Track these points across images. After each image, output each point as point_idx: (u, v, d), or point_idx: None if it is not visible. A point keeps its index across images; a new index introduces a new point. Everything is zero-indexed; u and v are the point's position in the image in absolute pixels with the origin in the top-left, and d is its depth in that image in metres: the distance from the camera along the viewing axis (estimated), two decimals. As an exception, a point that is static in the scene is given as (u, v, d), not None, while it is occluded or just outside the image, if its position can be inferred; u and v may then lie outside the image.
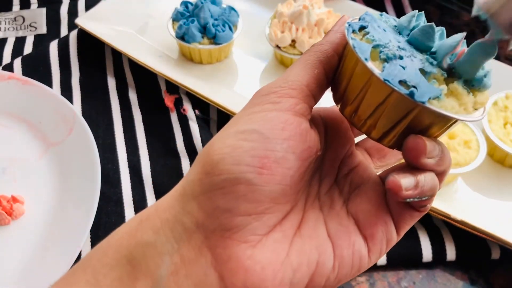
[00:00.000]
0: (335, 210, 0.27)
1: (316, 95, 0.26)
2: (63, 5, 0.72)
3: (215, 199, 0.23)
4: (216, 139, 0.24)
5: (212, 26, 0.58)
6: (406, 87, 0.23)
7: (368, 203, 0.26)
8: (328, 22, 0.58)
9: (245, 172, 0.22)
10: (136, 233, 0.24)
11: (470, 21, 0.70)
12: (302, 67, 0.26)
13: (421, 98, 0.23)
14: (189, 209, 0.23)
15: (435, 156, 0.25)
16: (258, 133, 0.23)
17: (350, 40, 0.25)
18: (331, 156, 0.29)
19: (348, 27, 0.26)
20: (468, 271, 0.48)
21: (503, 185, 0.51)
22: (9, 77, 0.58)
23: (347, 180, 0.28)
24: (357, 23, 0.27)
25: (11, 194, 0.49)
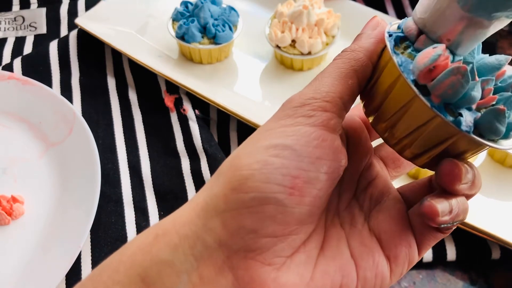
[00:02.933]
0: (357, 228, 0.26)
1: (348, 107, 0.25)
2: (63, 5, 0.72)
3: (241, 218, 0.21)
4: (244, 153, 0.22)
5: (212, 26, 0.58)
6: (451, 114, 0.22)
7: (391, 222, 0.25)
8: (328, 22, 0.58)
9: (276, 192, 0.21)
10: (151, 249, 0.22)
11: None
12: (336, 76, 0.25)
13: (467, 128, 0.22)
14: (211, 225, 0.22)
15: (469, 181, 0.24)
16: (291, 149, 0.22)
17: (393, 56, 0.23)
18: (351, 169, 0.27)
19: (389, 39, 0.24)
20: (468, 271, 0.48)
21: (503, 185, 0.51)
22: (9, 77, 0.58)
23: (367, 195, 0.27)
24: (397, 33, 0.25)
25: (11, 194, 0.49)
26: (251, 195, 0.21)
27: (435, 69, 0.22)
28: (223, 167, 0.23)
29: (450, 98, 0.22)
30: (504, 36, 0.68)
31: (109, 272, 0.23)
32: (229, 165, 0.23)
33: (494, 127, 0.22)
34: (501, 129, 0.22)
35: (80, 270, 0.46)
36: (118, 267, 0.23)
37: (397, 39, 0.24)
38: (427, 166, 0.26)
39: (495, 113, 0.22)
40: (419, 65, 0.22)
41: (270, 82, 0.61)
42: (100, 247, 0.47)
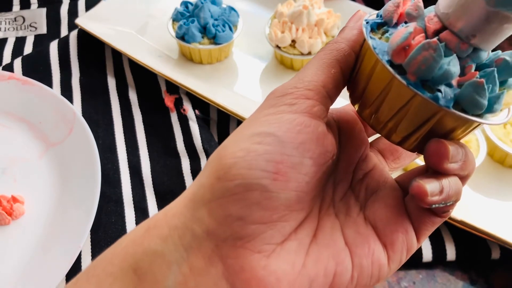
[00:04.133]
0: (352, 217, 0.26)
1: (332, 96, 0.25)
2: (63, 5, 0.72)
3: (227, 206, 0.21)
4: (229, 142, 0.23)
5: (212, 26, 0.59)
6: (430, 90, 0.22)
7: (387, 210, 0.25)
8: (328, 22, 0.58)
9: (260, 177, 0.21)
10: (142, 241, 0.23)
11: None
12: (318, 66, 0.25)
13: (446, 103, 0.22)
14: (199, 215, 0.22)
15: (459, 160, 0.24)
16: (273, 136, 0.22)
17: (369, 40, 0.24)
18: (346, 160, 0.27)
19: (366, 25, 0.25)
20: (468, 271, 0.48)
21: (503, 185, 0.51)
22: (9, 77, 0.58)
23: (363, 185, 0.27)
24: (375, 20, 0.25)
25: (11, 194, 0.49)
26: (236, 183, 0.21)
27: (409, 48, 0.22)
28: (210, 158, 0.23)
29: (425, 74, 0.22)
30: (504, 36, 0.68)
31: (104, 264, 0.23)
32: (215, 155, 0.23)
33: (475, 100, 0.22)
34: (482, 102, 0.22)
35: (80, 270, 0.46)
36: (112, 260, 0.23)
37: (373, 25, 0.25)
38: (416, 149, 0.25)
39: (473, 86, 0.22)
40: (392, 44, 0.23)
41: (270, 82, 0.61)
42: (100, 247, 0.47)
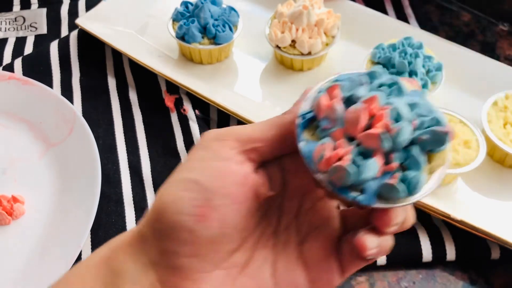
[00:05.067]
0: (287, 251, 0.29)
1: (263, 154, 0.28)
2: (64, 5, 0.72)
3: (163, 242, 0.26)
4: (165, 186, 0.27)
5: (212, 26, 0.59)
6: (355, 190, 0.24)
7: (320, 250, 0.28)
8: (328, 22, 0.58)
9: (186, 221, 0.25)
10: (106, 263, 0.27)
11: (471, 21, 0.70)
12: (260, 125, 0.28)
13: (367, 201, 0.24)
14: (146, 248, 0.26)
15: (399, 223, 0.26)
16: (198, 183, 0.26)
17: (299, 144, 0.26)
18: (293, 191, 0.30)
19: (300, 123, 0.26)
20: (468, 271, 0.48)
21: (503, 185, 0.51)
22: (10, 77, 0.58)
23: (307, 218, 0.30)
24: (307, 116, 0.26)
25: (11, 194, 0.49)
26: (168, 225, 0.25)
27: (329, 160, 0.25)
28: (154, 199, 0.27)
29: (344, 184, 0.25)
30: (503, 36, 0.68)
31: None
32: (156, 198, 0.27)
33: (391, 196, 0.24)
34: (398, 196, 0.24)
35: (80, 270, 0.46)
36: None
37: (306, 123, 0.26)
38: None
39: (387, 187, 0.24)
40: (315, 159, 0.25)
41: (270, 82, 0.61)
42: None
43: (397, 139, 0.24)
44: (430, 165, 0.25)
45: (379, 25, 0.63)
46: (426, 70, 0.54)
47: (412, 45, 0.55)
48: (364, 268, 0.48)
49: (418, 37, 0.57)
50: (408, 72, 0.53)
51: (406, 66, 0.53)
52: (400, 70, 0.53)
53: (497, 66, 0.59)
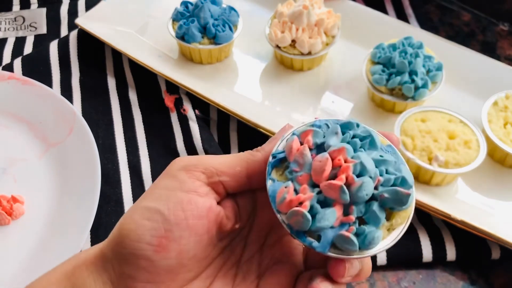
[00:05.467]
0: (246, 283, 0.29)
1: (228, 187, 0.29)
2: (63, 5, 0.72)
3: (122, 266, 0.26)
4: (129, 211, 0.28)
5: (212, 26, 0.58)
6: (312, 235, 0.26)
7: (278, 285, 0.29)
8: (328, 22, 0.58)
9: (145, 249, 0.26)
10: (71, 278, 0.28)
11: (471, 21, 0.70)
12: (228, 158, 0.29)
13: (321, 249, 0.25)
14: (107, 268, 0.27)
15: (353, 274, 0.27)
16: (160, 213, 0.26)
17: (267, 184, 0.27)
18: (260, 224, 0.31)
19: (271, 162, 0.27)
20: (468, 271, 0.48)
21: (503, 185, 0.51)
22: (9, 77, 0.58)
23: (270, 252, 0.31)
24: (279, 156, 0.27)
25: (11, 194, 0.49)
26: (127, 251, 0.26)
27: (290, 203, 0.26)
28: (119, 220, 0.28)
29: (301, 229, 0.26)
30: (504, 36, 0.68)
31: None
32: (121, 220, 0.28)
33: (345, 247, 0.25)
34: (352, 248, 0.25)
35: (80, 270, 0.46)
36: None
37: (276, 163, 0.28)
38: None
39: (342, 238, 0.25)
40: (277, 200, 0.26)
41: (270, 82, 0.61)
42: (100, 247, 0.47)
43: (357, 193, 0.25)
44: (390, 223, 0.26)
45: (379, 25, 0.63)
46: (426, 70, 0.54)
47: (412, 44, 0.55)
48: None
49: (418, 37, 0.57)
50: (408, 71, 0.53)
51: (406, 66, 0.53)
52: (400, 70, 0.53)
53: (498, 66, 0.59)
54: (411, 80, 0.53)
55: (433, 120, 0.51)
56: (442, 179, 0.49)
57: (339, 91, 0.59)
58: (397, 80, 0.53)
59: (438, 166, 0.48)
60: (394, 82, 0.53)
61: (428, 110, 0.52)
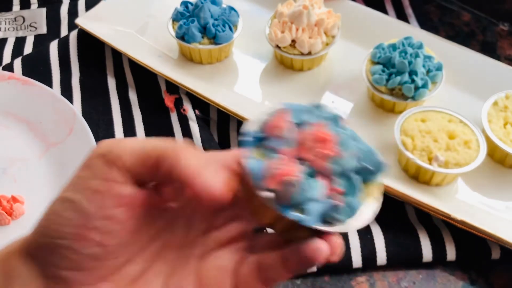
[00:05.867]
0: (186, 267, 0.29)
1: (143, 175, 0.27)
2: (63, 5, 0.72)
3: (44, 255, 0.26)
4: (52, 202, 0.27)
5: (212, 26, 0.58)
6: (297, 209, 0.25)
7: (220, 269, 0.29)
8: (328, 22, 0.58)
9: (64, 239, 0.26)
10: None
11: (471, 21, 0.70)
12: (143, 142, 0.28)
13: (308, 222, 0.25)
14: (34, 255, 0.27)
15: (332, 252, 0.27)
16: (77, 203, 0.26)
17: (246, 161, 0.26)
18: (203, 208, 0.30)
19: (248, 141, 0.27)
20: (468, 271, 0.48)
21: (503, 185, 0.51)
22: (9, 77, 0.58)
23: (216, 234, 0.30)
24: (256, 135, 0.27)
25: (11, 194, 0.49)
26: (47, 240, 0.26)
27: (276, 177, 0.25)
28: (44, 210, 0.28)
29: (289, 202, 0.25)
30: (504, 36, 0.68)
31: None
32: (45, 211, 0.27)
33: (335, 217, 0.25)
34: (341, 217, 0.25)
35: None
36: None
37: (254, 142, 0.27)
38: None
39: (333, 208, 0.25)
40: (263, 175, 0.25)
41: (270, 82, 0.61)
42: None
43: (345, 164, 0.26)
44: (367, 194, 0.27)
45: (379, 25, 0.63)
46: (426, 70, 0.54)
47: (412, 44, 0.55)
48: (364, 268, 0.48)
49: (418, 37, 0.57)
50: (408, 71, 0.53)
51: (406, 66, 0.53)
52: (400, 70, 0.53)
53: (498, 66, 0.59)
54: (411, 80, 0.53)
55: (433, 120, 0.51)
56: (442, 179, 0.49)
57: (339, 91, 0.59)
58: (397, 80, 0.53)
59: (438, 166, 0.48)
60: (394, 82, 0.53)
61: (428, 110, 0.52)
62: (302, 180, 0.25)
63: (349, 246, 0.47)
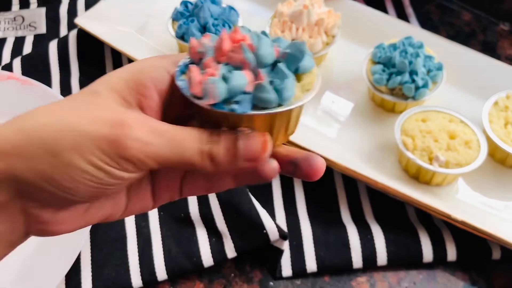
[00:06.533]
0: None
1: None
2: (63, 4, 0.72)
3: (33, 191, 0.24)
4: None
5: (212, 26, 0.58)
6: (228, 103, 0.26)
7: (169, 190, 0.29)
8: (328, 22, 0.58)
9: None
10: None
11: (471, 21, 0.70)
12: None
13: (243, 110, 0.25)
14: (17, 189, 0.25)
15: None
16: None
17: (177, 83, 0.27)
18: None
19: (178, 69, 0.28)
20: (468, 271, 0.48)
21: (504, 185, 0.51)
22: (9, 77, 0.57)
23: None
24: (185, 62, 0.28)
25: (10, 194, 0.49)
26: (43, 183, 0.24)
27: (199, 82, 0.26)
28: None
29: (218, 98, 0.25)
30: (504, 36, 0.68)
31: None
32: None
33: (265, 98, 0.26)
34: (272, 98, 0.26)
35: (80, 270, 0.46)
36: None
37: (184, 68, 0.28)
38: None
39: (257, 88, 0.26)
40: (189, 84, 0.26)
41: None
42: (100, 247, 0.47)
43: (259, 52, 0.27)
44: (301, 83, 0.27)
45: (379, 25, 0.63)
46: (427, 70, 0.54)
47: (412, 44, 0.55)
48: (365, 269, 0.48)
49: (419, 37, 0.57)
50: (409, 71, 0.53)
51: (407, 66, 0.52)
52: (401, 69, 0.53)
53: (498, 65, 0.59)
54: (412, 80, 0.53)
55: (433, 120, 0.51)
56: (443, 179, 0.49)
57: (339, 91, 0.59)
58: (397, 80, 0.53)
59: (439, 166, 0.48)
60: (395, 82, 0.53)
61: (428, 110, 0.52)
62: (221, 76, 0.26)
63: (349, 246, 0.47)
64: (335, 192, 0.52)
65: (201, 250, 0.47)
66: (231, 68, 0.26)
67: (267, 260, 0.48)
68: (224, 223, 0.48)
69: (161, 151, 0.24)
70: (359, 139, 0.54)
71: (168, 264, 0.46)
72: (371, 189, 0.51)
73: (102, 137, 0.23)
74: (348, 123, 0.56)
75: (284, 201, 0.51)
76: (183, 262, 0.46)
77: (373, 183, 0.48)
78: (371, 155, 0.53)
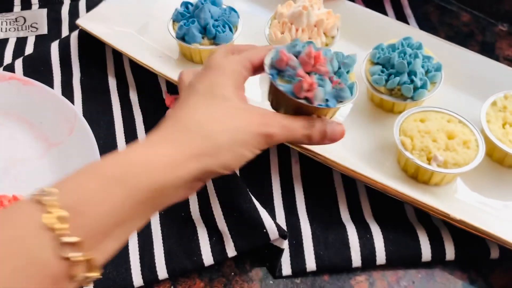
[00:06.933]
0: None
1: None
2: (64, 5, 0.72)
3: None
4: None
5: (212, 27, 0.59)
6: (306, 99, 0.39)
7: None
8: (328, 23, 0.59)
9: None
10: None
11: (470, 21, 0.70)
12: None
13: (333, 105, 0.40)
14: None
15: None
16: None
17: (280, 88, 0.39)
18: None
19: (273, 75, 0.40)
20: (467, 271, 0.48)
21: (502, 185, 0.51)
22: (10, 78, 0.58)
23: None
24: (275, 70, 0.40)
25: (12, 194, 0.49)
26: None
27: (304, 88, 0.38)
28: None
29: (318, 99, 0.39)
30: (503, 37, 0.68)
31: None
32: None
33: (345, 96, 0.40)
34: (349, 95, 0.40)
35: (81, 269, 0.46)
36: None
37: (275, 76, 0.40)
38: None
39: (340, 90, 0.40)
40: (297, 91, 0.38)
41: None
42: (101, 247, 0.47)
43: (334, 64, 0.41)
44: (350, 79, 0.42)
45: (378, 26, 0.64)
46: (426, 71, 0.54)
47: (411, 45, 0.55)
48: (364, 268, 0.48)
49: (418, 38, 0.57)
50: (408, 72, 0.53)
51: (406, 67, 0.53)
52: (400, 70, 0.53)
53: (496, 66, 0.59)
54: (410, 80, 0.53)
55: (432, 120, 0.51)
56: (441, 179, 0.50)
57: (339, 92, 0.59)
58: (396, 81, 0.53)
59: (437, 166, 0.48)
60: (393, 83, 0.53)
61: (427, 110, 0.52)
62: (319, 83, 0.38)
63: (348, 245, 0.47)
64: (334, 192, 0.52)
65: (201, 249, 0.47)
66: (320, 77, 0.39)
67: (267, 259, 0.48)
68: (224, 222, 0.48)
69: (285, 135, 0.38)
70: (358, 139, 0.54)
71: (168, 263, 0.46)
72: (370, 189, 0.51)
73: (258, 134, 0.36)
74: (347, 123, 0.56)
75: (284, 201, 0.51)
76: (184, 261, 0.46)
77: (372, 182, 0.49)
78: (370, 155, 0.53)
